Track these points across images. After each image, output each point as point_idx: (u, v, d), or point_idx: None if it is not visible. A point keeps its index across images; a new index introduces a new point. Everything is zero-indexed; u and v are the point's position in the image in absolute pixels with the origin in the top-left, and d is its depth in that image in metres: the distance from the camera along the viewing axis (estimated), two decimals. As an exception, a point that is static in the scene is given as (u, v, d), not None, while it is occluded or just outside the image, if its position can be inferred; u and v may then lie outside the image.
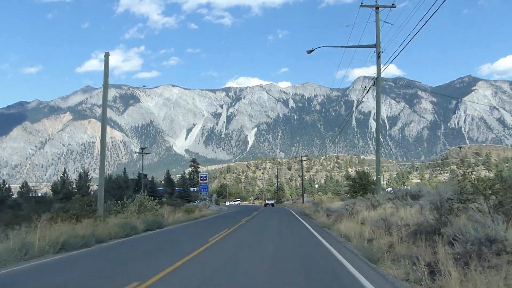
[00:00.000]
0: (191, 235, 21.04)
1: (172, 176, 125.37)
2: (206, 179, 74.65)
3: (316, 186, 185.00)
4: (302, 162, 61.88)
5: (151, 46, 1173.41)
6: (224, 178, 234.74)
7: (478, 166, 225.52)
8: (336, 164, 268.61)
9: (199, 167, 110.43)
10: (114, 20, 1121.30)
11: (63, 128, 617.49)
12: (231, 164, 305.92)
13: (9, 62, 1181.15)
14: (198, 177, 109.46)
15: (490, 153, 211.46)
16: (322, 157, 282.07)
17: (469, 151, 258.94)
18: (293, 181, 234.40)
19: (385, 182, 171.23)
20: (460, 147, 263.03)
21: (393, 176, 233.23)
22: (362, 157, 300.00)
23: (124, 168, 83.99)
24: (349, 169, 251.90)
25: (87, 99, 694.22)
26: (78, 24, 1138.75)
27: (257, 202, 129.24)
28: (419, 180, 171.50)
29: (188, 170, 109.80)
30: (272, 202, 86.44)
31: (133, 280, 8.90)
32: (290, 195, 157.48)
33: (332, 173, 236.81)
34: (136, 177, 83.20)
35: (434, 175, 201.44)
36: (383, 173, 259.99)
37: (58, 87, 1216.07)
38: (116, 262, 12.58)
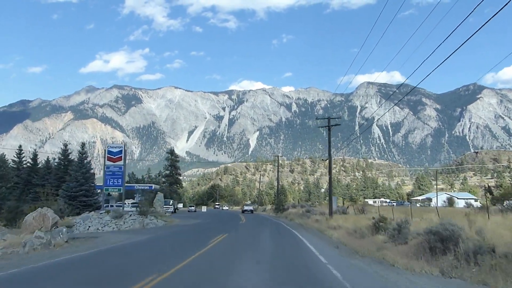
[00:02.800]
0: None
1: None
2: (120, 158, 36.86)
3: (322, 190, 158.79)
4: (329, 131, 35.74)
5: (156, 48, 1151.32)
6: (220, 180, 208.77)
7: (496, 172, 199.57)
8: (342, 168, 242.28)
9: (177, 161, 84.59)
10: (119, 22, 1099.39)
11: (64, 127, 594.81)
12: (229, 165, 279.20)
13: (14, 62, 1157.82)
14: (176, 174, 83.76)
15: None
16: (327, 160, 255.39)
17: (486, 157, 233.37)
18: (296, 184, 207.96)
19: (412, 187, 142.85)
20: (477, 152, 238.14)
21: (405, 181, 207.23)
22: (370, 160, 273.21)
23: None
24: (357, 173, 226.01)
25: (89, 99, 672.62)
26: (83, 25, 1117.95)
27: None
28: (443, 186, 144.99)
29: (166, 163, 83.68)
30: (251, 208, 76.79)
31: None
32: (293, 200, 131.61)
33: (338, 177, 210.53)
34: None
35: (455, 181, 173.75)
36: (394, 178, 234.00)
37: (61, 87, 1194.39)
38: None
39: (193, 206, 77.37)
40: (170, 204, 59.03)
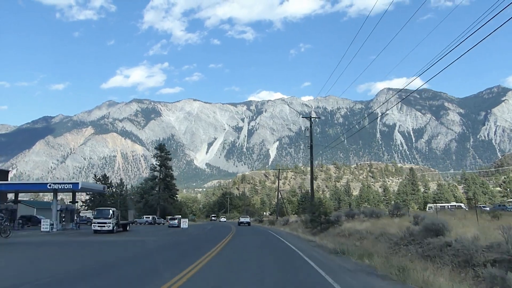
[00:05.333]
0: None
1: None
2: None
3: (352, 197, 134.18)
4: None
5: (175, 62, 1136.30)
6: (237, 189, 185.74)
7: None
8: (369, 173, 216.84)
9: (170, 159, 62.64)
10: (139, 37, 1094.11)
11: (85, 142, 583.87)
12: (247, 173, 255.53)
13: (38, 79, 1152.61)
14: (168, 176, 61.68)
15: None
16: (353, 166, 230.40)
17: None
18: (320, 192, 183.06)
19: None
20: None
21: (448, 185, 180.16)
22: (399, 165, 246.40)
23: None
24: (386, 179, 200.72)
25: (109, 114, 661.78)
26: (104, 42, 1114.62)
27: (267, 219, 77.65)
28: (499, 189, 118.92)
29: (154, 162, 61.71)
30: (247, 220, 66.28)
31: None
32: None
33: (366, 183, 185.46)
34: None
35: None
36: (428, 182, 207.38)
37: (83, 102, 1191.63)
38: None
39: (176, 220, 54.10)
40: (109, 215, 35.23)
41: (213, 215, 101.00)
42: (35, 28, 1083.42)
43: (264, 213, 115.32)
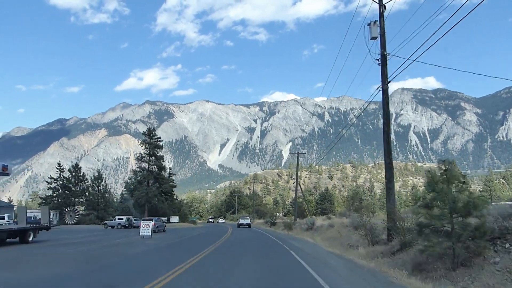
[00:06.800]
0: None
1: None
2: None
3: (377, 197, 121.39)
4: None
5: (188, 64, 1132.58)
6: (249, 189, 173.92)
7: None
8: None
9: (161, 147, 51.29)
10: (152, 40, 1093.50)
11: (98, 143, 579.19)
12: (259, 172, 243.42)
13: (54, 82, 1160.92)
14: (160, 167, 50.48)
15: None
16: (370, 165, 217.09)
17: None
18: (337, 191, 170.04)
19: None
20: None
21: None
22: (419, 164, 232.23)
23: None
24: (406, 178, 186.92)
25: (122, 115, 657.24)
26: (118, 45, 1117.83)
27: (281, 221, 64.22)
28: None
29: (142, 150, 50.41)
30: (248, 221, 60.94)
31: None
32: (340, 209, 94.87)
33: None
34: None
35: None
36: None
37: (97, 104, 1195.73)
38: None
39: (150, 221, 40.13)
40: None
41: (210, 217, 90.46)
42: (50, 32, 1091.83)
43: (278, 214, 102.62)
